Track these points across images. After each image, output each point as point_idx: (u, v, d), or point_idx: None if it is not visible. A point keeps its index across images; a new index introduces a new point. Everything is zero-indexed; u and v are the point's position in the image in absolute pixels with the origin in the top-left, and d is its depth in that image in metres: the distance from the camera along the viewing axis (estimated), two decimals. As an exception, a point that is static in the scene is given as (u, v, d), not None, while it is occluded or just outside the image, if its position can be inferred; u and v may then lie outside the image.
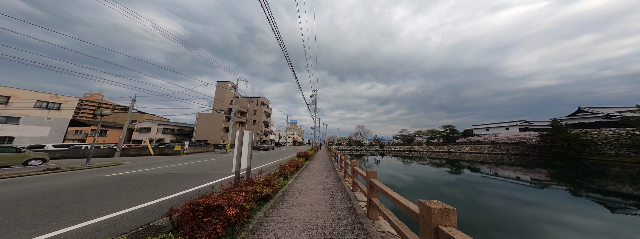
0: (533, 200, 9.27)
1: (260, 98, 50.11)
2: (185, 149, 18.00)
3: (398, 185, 12.00)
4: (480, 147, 42.32)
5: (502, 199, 9.40)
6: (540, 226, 6.35)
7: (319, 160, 13.23)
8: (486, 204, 8.56)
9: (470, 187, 11.79)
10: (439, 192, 10.60)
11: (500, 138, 40.72)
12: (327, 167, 10.22)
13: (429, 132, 67.05)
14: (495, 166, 22.05)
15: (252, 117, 47.35)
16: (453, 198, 9.41)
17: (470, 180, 14.25)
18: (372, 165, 22.92)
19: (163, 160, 13.46)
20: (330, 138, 76.65)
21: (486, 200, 9.20)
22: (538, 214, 7.46)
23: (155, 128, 36.06)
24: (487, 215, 7.33)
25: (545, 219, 6.89)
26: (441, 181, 13.18)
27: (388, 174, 15.82)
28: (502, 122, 51.27)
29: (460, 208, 7.65)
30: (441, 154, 42.54)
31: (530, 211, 7.83)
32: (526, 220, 6.93)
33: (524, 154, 36.67)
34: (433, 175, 15.52)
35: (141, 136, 35.42)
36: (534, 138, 37.06)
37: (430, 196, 10.04)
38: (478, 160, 29.72)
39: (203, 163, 11.91)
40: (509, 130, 47.20)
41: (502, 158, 31.66)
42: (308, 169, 9.47)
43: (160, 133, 36.64)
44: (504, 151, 39.40)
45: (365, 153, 52.42)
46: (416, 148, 52.00)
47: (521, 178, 14.78)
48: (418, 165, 24.18)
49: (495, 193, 10.53)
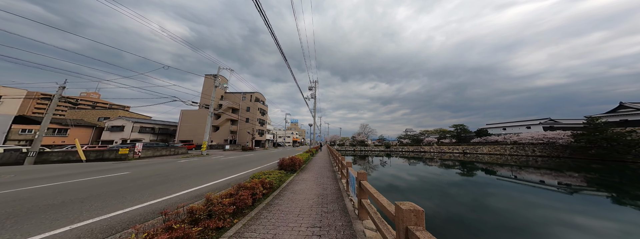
0: (580, 209, 8.04)
1: (255, 94, 45.50)
2: (138, 152, 13.51)
3: (431, 207, 7.83)
4: (501, 148, 37.64)
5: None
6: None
7: (313, 172, 8.69)
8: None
9: (521, 201, 9.08)
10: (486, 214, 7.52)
11: (524, 138, 36.03)
12: (325, 194, 5.30)
13: (436, 131, 62.37)
14: (530, 170, 18.64)
15: (245, 114, 42.83)
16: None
17: (515, 189, 11.50)
18: (378, 170, 18.35)
19: (71, 171, 8.97)
20: (332, 138, 71.92)
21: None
22: (584, 223, 6.55)
23: (130, 126, 31.65)
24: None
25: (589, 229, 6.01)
26: (477, 194, 10.13)
27: (415, 187, 11.41)
28: (522, 120, 46.43)
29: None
30: (455, 155, 38.24)
31: (578, 220, 6.87)
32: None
33: (553, 156, 32.28)
34: (462, 184, 12.49)
35: (112, 136, 31.13)
36: (565, 137, 32.35)
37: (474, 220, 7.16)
38: (498, 162, 26.28)
39: (103, 181, 7.42)
40: (531, 129, 42.43)
41: (526, 161, 27.72)
42: (276, 207, 4.21)
43: (137, 133, 32.12)
44: (528, 152, 34.86)
45: (370, 154, 48.00)
46: (426, 148, 47.32)
47: (561, 183, 13.01)
48: (437, 169, 19.65)
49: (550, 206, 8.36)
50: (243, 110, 43.34)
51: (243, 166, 10.78)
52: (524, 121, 45.76)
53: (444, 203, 8.55)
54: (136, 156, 13.54)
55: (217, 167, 10.15)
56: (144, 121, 34.89)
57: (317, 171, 8.70)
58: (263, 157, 17.29)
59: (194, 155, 17.65)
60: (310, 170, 9.04)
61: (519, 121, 46.64)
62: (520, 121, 46.43)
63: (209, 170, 9.24)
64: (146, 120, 37.05)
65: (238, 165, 11.00)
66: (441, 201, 8.80)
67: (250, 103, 44.36)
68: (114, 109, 40.56)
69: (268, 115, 57.24)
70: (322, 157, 16.74)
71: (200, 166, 10.46)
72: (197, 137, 36.88)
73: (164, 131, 37.19)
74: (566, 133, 32.48)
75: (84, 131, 28.34)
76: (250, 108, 43.96)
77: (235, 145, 33.73)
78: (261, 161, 13.82)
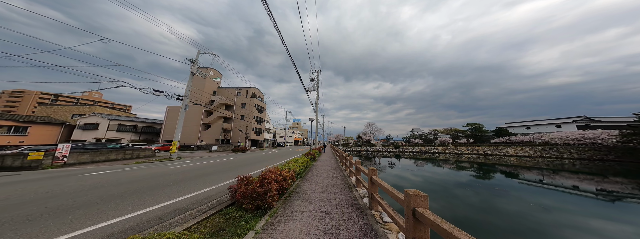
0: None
1: (251, 89, 41.35)
2: (61, 158, 9.34)
3: None
4: (530, 149, 32.99)
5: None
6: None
7: (312, 207, 4.54)
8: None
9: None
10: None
11: (558, 138, 31.39)
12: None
13: (447, 131, 57.77)
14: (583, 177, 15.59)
15: (240, 111, 38.75)
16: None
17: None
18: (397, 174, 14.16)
19: None
20: (336, 138, 67.59)
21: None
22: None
23: (105, 124, 27.40)
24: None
25: None
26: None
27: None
28: (550, 119, 41.53)
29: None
30: (475, 157, 34.08)
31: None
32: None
33: (595, 159, 27.81)
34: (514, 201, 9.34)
35: (85, 135, 27.23)
36: (609, 137, 27.74)
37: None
38: (530, 165, 23.21)
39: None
40: (561, 128, 37.63)
41: (562, 164, 24.26)
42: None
43: (114, 131, 28.16)
44: (564, 154, 30.26)
45: (377, 155, 43.81)
46: (441, 149, 42.81)
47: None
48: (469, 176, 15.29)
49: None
50: (238, 107, 39.27)
51: (191, 183, 6.63)
52: (552, 119, 40.88)
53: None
54: (60, 162, 9.48)
55: (140, 186, 6.04)
56: (124, 118, 30.76)
57: (321, 205, 4.50)
58: (249, 162, 13.15)
59: (159, 159, 13.53)
60: (307, 200, 4.85)
61: (546, 120, 41.79)
62: (548, 119, 41.57)
63: (109, 194, 5.22)
64: (126, 117, 32.91)
65: (186, 181, 6.86)
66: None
67: (246, 99, 40.25)
68: (90, 105, 36.69)
69: (266, 112, 53.18)
70: (327, 163, 12.50)
71: (115, 184, 6.35)
72: (184, 136, 32.93)
73: (149, 130, 33.27)
74: (611, 132, 27.84)
75: (49, 129, 24.47)
76: (246, 105, 39.85)
77: (226, 146, 29.67)
78: (241, 169, 9.66)
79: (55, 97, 76.89)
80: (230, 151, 26.70)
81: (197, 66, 16.93)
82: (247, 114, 38.61)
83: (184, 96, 15.00)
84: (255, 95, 42.68)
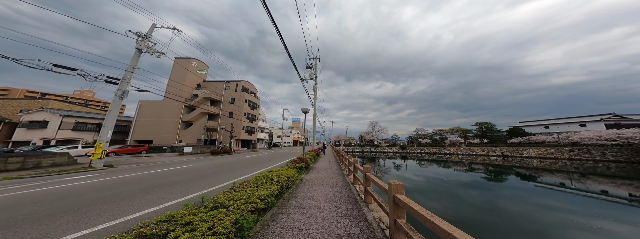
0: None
1: (241, 82, 36.94)
2: None
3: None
4: (555, 151, 29.03)
5: None
6: None
7: None
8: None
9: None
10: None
11: (589, 138, 27.45)
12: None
13: (454, 131, 53.88)
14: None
15: (228, 107, 34.35)
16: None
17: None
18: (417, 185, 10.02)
19: None
20: (338, 138, 63.37)
21: None
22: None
23: (57, 121, 22.46)
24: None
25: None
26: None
27: None
28: (573, 117, 37.55)
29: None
30: (492, 159, 30.43)
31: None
32: None
33: (634, 161, 24.00)
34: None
35: (30, 135, 22.02)
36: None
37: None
38: (552, 168, 20.77)
39: None
40: (586, 126, 33.70)
41: (594, 167, 21.46)
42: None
43: (70, 131, 23.38)
44: (597, 156, 26.39)
45: (382, 155, 39.78)
46: (452, 150, 38.81)
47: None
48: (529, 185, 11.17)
49: None
50: (226, 103, 34.87)
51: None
52: (576, 117, 36.89)
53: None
54: None
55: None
56: (82, 114, 25.53)
57: None
58: (205, 174, 8.87)
59: (67, 170, 9.06)
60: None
61: (569, 118, 37.81)
62: (571, 117, 37.57)
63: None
64: (86, 113, 27.64)
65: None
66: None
67: (235, 94, 35.84)
68: (40, 99, 31.82)
69: (261, 109, 48.80)
70: (326, 176, 8.23)
71: None
72: (159, 135, 28.42)
73: (119, 129, 28.59)
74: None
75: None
76: (235, 100, 35.46)
77: (207, 147, 25.27)
78: (142, 197, 5.44)
79: (42, 95, 72.54)
80: (209, 153, 22.33)
81: (147, 42, 12.51)
82: (237, 110, 34.24)
83: (122, 79, 10.63)
84: (246, 90, 38.28)
